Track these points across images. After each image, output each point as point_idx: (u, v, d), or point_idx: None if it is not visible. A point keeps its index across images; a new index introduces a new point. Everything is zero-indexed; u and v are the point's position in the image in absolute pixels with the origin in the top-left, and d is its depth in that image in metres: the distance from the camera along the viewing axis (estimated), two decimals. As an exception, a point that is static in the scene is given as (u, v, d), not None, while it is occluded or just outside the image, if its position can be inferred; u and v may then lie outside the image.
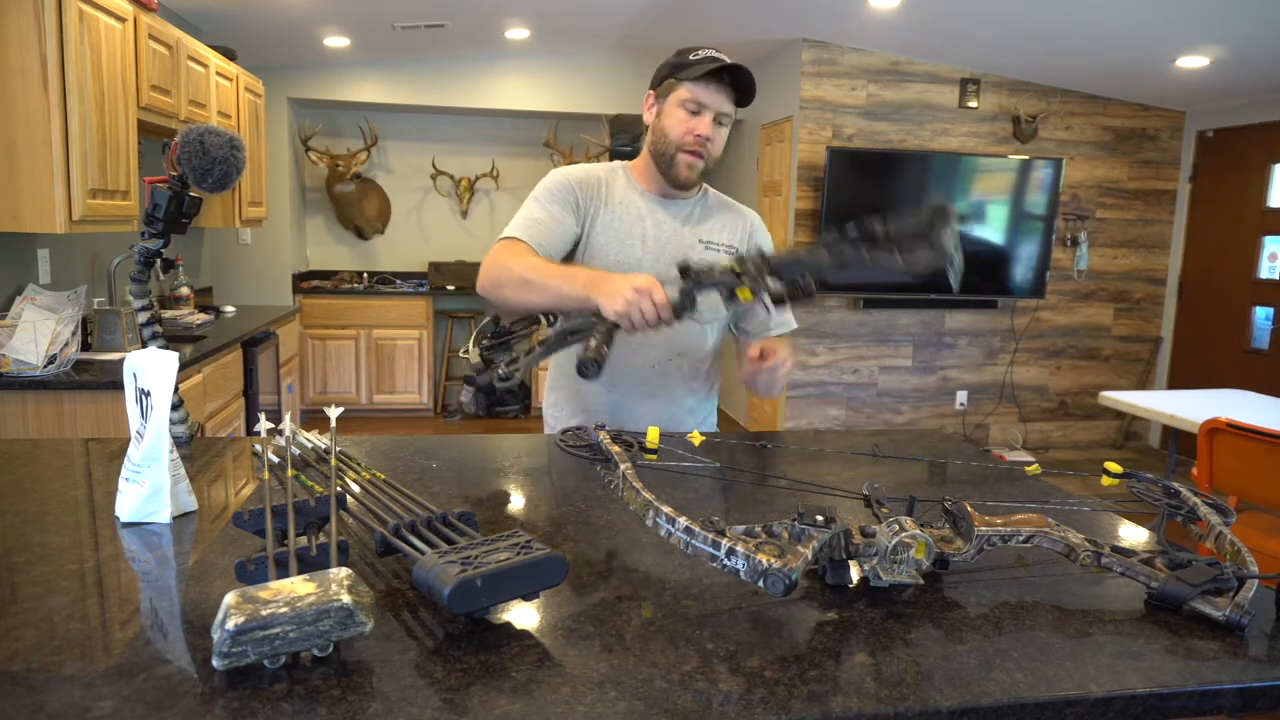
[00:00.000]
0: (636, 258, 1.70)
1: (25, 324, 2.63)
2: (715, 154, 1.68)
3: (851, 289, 5.31)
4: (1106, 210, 5.71)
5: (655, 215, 1.74)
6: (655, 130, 1.70)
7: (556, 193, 1.69)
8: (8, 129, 2.60)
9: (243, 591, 0.76)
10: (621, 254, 1.70)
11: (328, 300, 6.02)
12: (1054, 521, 1.01)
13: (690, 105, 1.63)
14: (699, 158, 1.66)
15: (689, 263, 1.29)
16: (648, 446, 1.19)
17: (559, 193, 1.70)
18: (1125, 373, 5.94)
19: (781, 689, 0.75)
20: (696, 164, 1.67)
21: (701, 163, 1.67)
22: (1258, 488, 2.75)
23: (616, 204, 1.73)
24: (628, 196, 1.74)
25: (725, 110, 1.65)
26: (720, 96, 1.63)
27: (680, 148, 1.65)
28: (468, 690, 0.73)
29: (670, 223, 1.74)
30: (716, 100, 1.63)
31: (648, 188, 1.76)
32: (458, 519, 0.98)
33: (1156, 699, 0.78)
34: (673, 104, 1.66)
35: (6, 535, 1.07)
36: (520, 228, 1.64)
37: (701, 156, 1.66)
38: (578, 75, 5.98)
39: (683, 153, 1.66)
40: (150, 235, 1.41)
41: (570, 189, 1.70)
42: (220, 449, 1.55)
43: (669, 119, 1.66)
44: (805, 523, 0.92)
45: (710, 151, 1.67)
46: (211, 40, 4.40)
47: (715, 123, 1.65)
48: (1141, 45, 4.52)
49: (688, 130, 1.64)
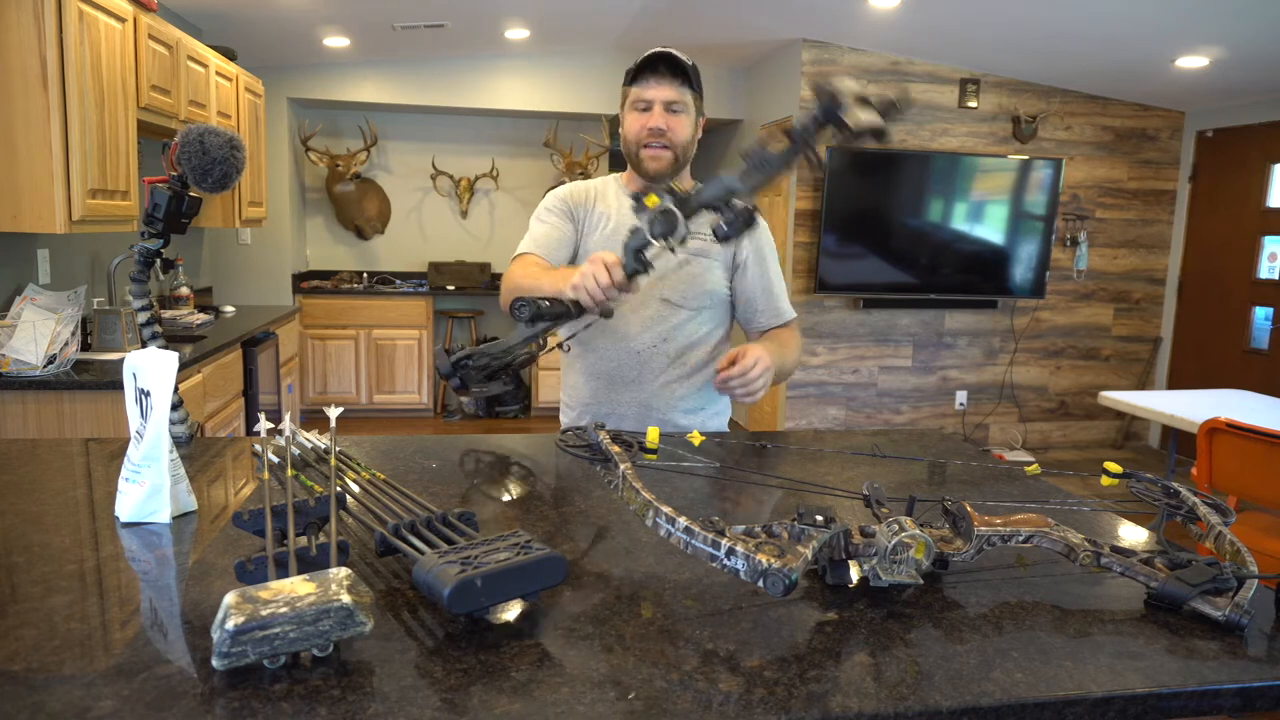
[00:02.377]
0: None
1: (25, 324, 2.63)
2: (680, 140, 1.75)
3: (852, 289, 5.31)
4: (1106, 210, 5.71)
5: None
6: (621, 138, 1.81)
7: (553, 207, 1.84)
8: (8, 129, 2.60)
9: (243, 591, 0.76)
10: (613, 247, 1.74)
11: (328, 300, 6.02)
12: (1054, 521, 1.01)
13: (639, 104, 1.74)
14: (663, 149, 1.74)
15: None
16: (648, 446, 1.19)
17: (554, 206, 1.84)
18: (1125, 373, 5.94)
19: (781, 689, 0.75)
20: (661, 155, 1.74)
21: (667, 153, 1.74)
22: (1257, 488, 2.75)
23: (605, 208, 1.83)
24: (618, 200, 1.84)
25: (670, 98, 1.72)
26: (662, 86, 1.71)
27: (639, 144, 1.76)
28: (468, 690, 0.73)
29: None
30: (659, 91, 1.71)
31: (637, 189, 1.83)
32: (458, 519, 0.98)
33: (1156, 699, 0.78)
34: (627, 109, 1.77)
35: (6, 535, 1.07)
36: (527, 243, 1.80)
37: (666, 147, 1.74)
38: (578, 75, 5.98)
39: (643, 148, 1.75)
40: (150, 235, 1.41)
41: (564, 200, 1.85)
42: (220, 449, 1.55)
43: (626, 123, 1.78)
44: (805, 523, 0.92)
45: (674, 139, 1.74)
46: (211, 40, 4.40)
47: (668, 112, 1.72)
48: (1141, 45, 4.52)
49: (640, 127, 1.74)
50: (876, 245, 5.31)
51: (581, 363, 1.83)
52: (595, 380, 1.81)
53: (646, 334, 1.78)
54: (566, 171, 6.33)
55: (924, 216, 5.33)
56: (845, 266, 5.27)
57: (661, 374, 1.79)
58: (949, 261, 5.36)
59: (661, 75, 1.70)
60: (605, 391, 1.80)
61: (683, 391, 1.81)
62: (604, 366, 1.80)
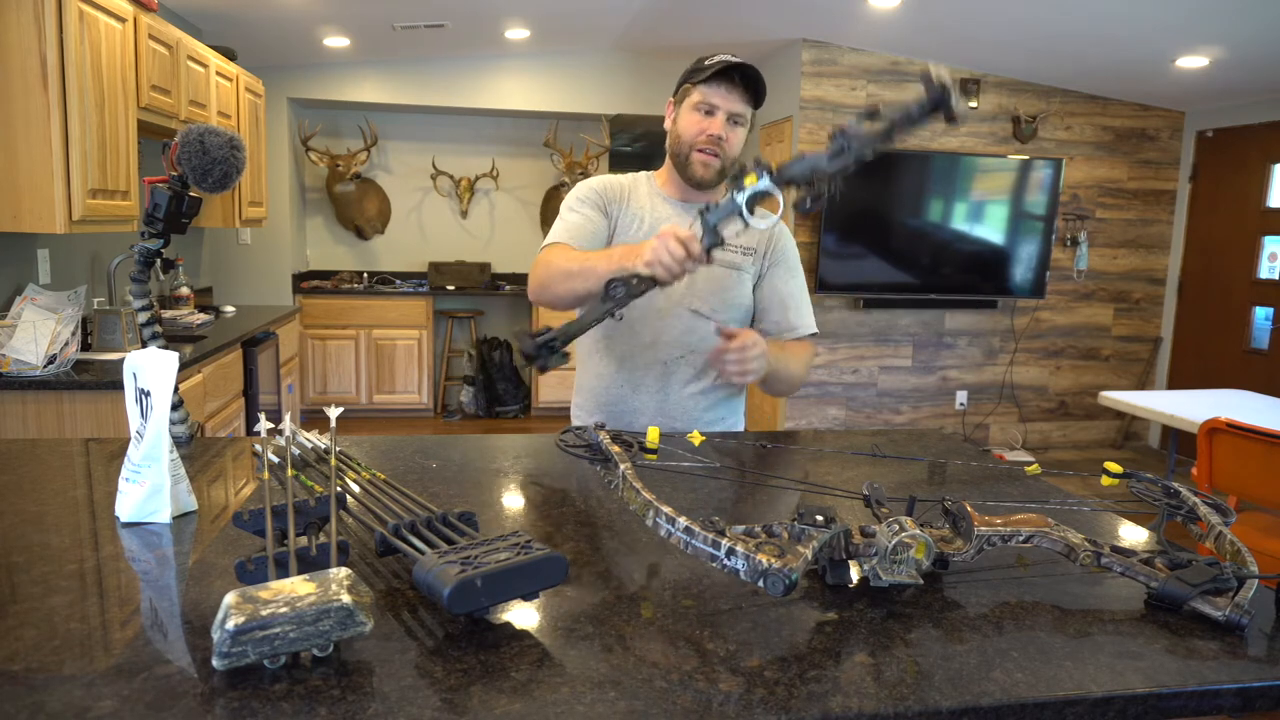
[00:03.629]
0: None
1: (25, 324, 2.63)
2: (731, 154, 1.72)
3: (852, 289, 5.31)
4: (1106, 210, 5.71)
5: (678, 218, 1.79)
6: (672, 134, 1.76)
7: (586, 197, 1.79)
8: (8, 129, 2.60)
9: (243, 591, 0.76)
10: None
11: (328, 300, 6.02)
12: (1054, 521, 1.01)
13: (703, 107, 1.69)
14: (714, 156, 1.71)
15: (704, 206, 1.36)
16: (648, 446, 1.19)
17: (587, 196, 1.79)
18: (1125, 373, 5.94)
19: (781, 689, 0.75)
20: (711, 163, 1.71)
21: (717, 161, 1.71)
22: (1258, 488, 2.75)
23: (639, 208, 1.80)
24: (651, 201, 1.81)
25: (737, 110, 1.69)
26: (732, 97, 1.67)
27: (694, 147, 1.71)
28: (468, 690, 0.73)
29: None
30: (728, 100, 1.67)
31: (670, 193, 1.81)
32: (458, 519, 0.98)
33: (1156, 699, 0.78)
34: (687, 107, 1.72)
35: (6, 535, 1.07)
36: (558, 233, 1.74)
37: (717, 155, 1.71)
38: (578, 75, 5.98)
39: (696, 151, 1.71)
40: (150, 235, 1.41)
41: (595, 192, 1.80)
42: (220, 449, 1.55)
43: (684, 121, 1.73)
44: (805, 523, 0.92)
45: (725, 151, 1.71)
46: (211, 40, 4.40)
47: (730, 123, 1.70)
48: (1141, 45, 4.52)
49: (700, 130, 1.70)
50: (877, 245, 5.31)
51: (604, 368, 1.82)
52: (619, 387, 1.80)
53: (674, 345, 1.77)
54: (567, 171, 6.33)
55: (924, 216, 5.33)
56: (845, 266, 5.27)
57: (687, 385, 1.78)
58: (949, 261, 5.36)
59: (734, 85, 1.66)
60: (628, 398, 1.79)
61: (706, 403, 1.81)
62: (628, 375, 1.78)
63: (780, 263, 1.82)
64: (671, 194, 1.81)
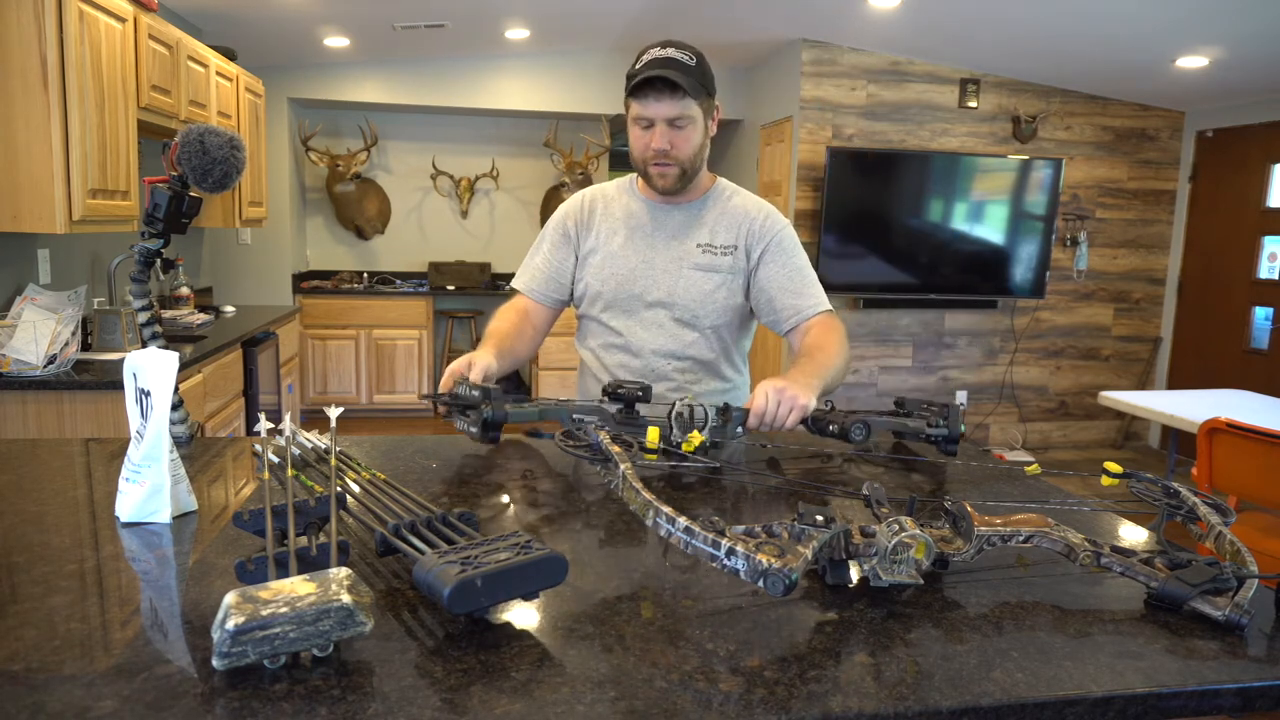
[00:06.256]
0: (631, 266, 1.78)
1: (25, 324, 2.63)
2: (684, 156, 1.68)
3: (852, 289, 5.31)
4: (1106, 210, 5.71)
5: (657, 219, 1.79)
6: (630, 150, 1.75)
7: (556, 227, 1.85)
8: (8, 129, 2.60)
9: (243, 591, 0.76)
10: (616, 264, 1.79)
11: (328, 300, 6.02)
12: (1054, 521, 1.01)
13: (641, 121, 1.67)
14: (667, 166, 1.69)
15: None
16: (648, 446, 1.19)
17: (557, 227, 1.84)
18: (1125, 373, 5.94)
19: (781, 689, 0.75)
20: (667, 172, 1.70)
21: (673, 168, 1.69)
22: (1257, 488, 2.75)
23: (612, 220, 1.80)
24: (630, 205, 1.81)
25: (671, 115, 1.63)
26: (662, 104, 1.62)
27: (644, 163, 1.71)
28: (468, 690, 0.73)
29: (670, 225, 1.80)
30: (660, 109, 1.63)
31: (649, 195, 1.81)
32: (458, 519, 0.98)
33: (1156, 699, 0.78)
34: (630, 123, 1.70)
35: (6, 535, 1.07)
36: (521, 277, 1.86)
37: (670, 164, 1.68)
38: (578, 75, 5.98)
39: (650, 166, 1.70)
40: (150, 235, 1.41)
41: (562, 223, 1.84)
42: (220, 449, 1.55)
43: (630, 137, 1.72)
44: (805, 523, 0.92)
45: (678, 156, 1.67)
46: (211, 40, 4.40)
47: (671, 127, 1.65)
48: (1141, 45, 4.52)
49: (644, 146, 1.68)
50: (876, 245, 5.31)
51: (600, 375, 1.82)
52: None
53: (662, 354, 1.77)
54: (567, 171, 6.33)
55: (924, 216, 5.33)
56: (845, 266, 5.27)
57: (675, 393, 1.77)
58: (949, 261, 5.36)
59: (660, 92, 1.61)
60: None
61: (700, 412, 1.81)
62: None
63: (772, 249, 1.76)
64: (650, 196, 1.80)
